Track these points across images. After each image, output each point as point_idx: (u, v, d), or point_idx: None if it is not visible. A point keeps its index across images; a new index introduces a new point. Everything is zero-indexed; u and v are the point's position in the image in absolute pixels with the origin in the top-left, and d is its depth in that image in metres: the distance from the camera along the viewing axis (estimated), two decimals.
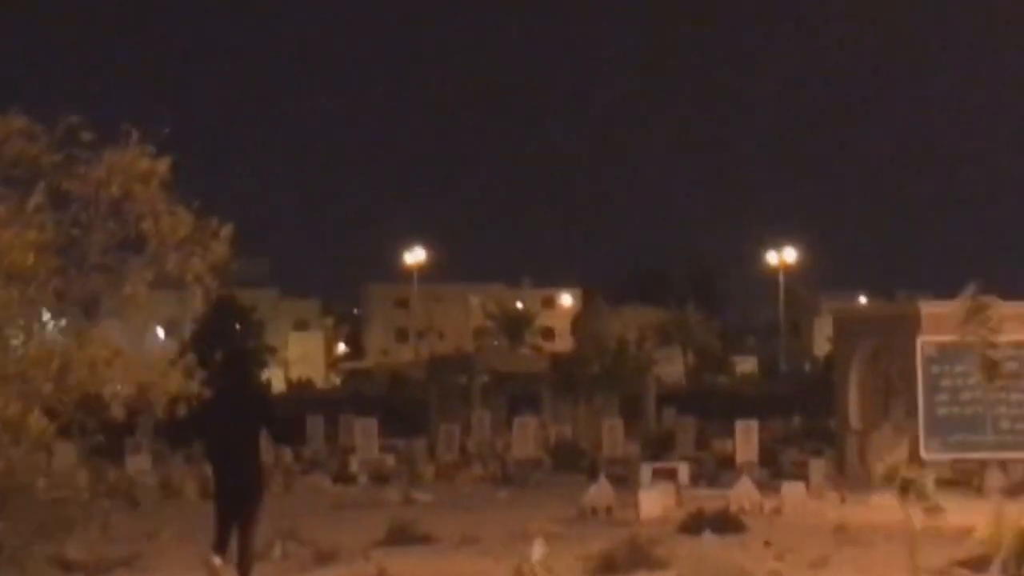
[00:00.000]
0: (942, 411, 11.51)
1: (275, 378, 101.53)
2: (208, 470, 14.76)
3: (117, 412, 9.17)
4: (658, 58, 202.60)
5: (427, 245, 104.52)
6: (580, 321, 44.95)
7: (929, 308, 29.05)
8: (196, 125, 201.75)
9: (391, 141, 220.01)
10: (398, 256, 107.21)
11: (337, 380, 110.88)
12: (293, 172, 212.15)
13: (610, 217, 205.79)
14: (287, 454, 35.35)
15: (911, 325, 26.13)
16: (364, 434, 34.34)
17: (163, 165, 8.42)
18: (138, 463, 29.51)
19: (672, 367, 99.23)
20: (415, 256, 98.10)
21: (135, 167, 8.10)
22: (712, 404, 52.16)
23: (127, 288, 8.71)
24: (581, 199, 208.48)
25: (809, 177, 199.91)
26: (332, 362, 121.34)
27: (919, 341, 11.28)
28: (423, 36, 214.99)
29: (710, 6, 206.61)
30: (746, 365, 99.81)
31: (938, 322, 27.63)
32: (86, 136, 8.26)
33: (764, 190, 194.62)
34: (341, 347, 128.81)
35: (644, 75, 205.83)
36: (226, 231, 8.92)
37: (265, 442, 13.96)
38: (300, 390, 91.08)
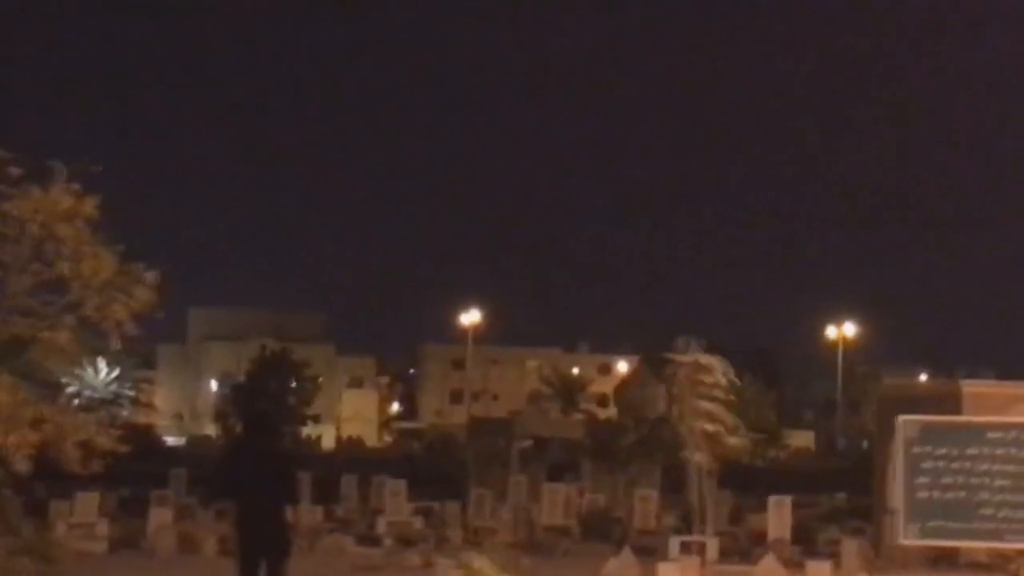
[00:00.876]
0: (922, 495, 10.74)
1: (326, 435, 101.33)
2: (232, 529, 14.27)
3: (21, 465, 8.66)
4: (719, 131, 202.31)
5: (486, 307, 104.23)
6: (622, 389, 44.27)
7: (971, 388, 28.30)
8: (258, 177, 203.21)
9: (455, 201, 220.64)
10: (455, 317, 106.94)
11: (389, 440, 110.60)
12: (353, 230, 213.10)
13: (671, 286, 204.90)
14: (317, 513, 34.96)
15: (952, 404, 25.40)
16: (393, 495, 33.81)
17: (88, 204, 7.98)
18: (160, 516, 29.04)
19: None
20: (471, 317, 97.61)
21: (58, 205, 7.65)
22: (759, 478, 51.25)
23: (46, 333, 8.22)
24: (644, 267, 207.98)
25: (879, 251, 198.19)
26: (385, 421, 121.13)
27: (899, 420, 10.56)
28: (482, 101, 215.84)
29: (769, 86, 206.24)
30: (802, 440, 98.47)
31: (980, 402, 26.93)
32: (13, 171, 7.86)
33: (832, 263, 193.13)
34: (395, 406, 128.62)
35: (705, 146, 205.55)
36: (151, 277, 8.44)
37: (288, 509, 13.92)
38: (348, 448, 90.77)
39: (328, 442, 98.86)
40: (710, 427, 29.84)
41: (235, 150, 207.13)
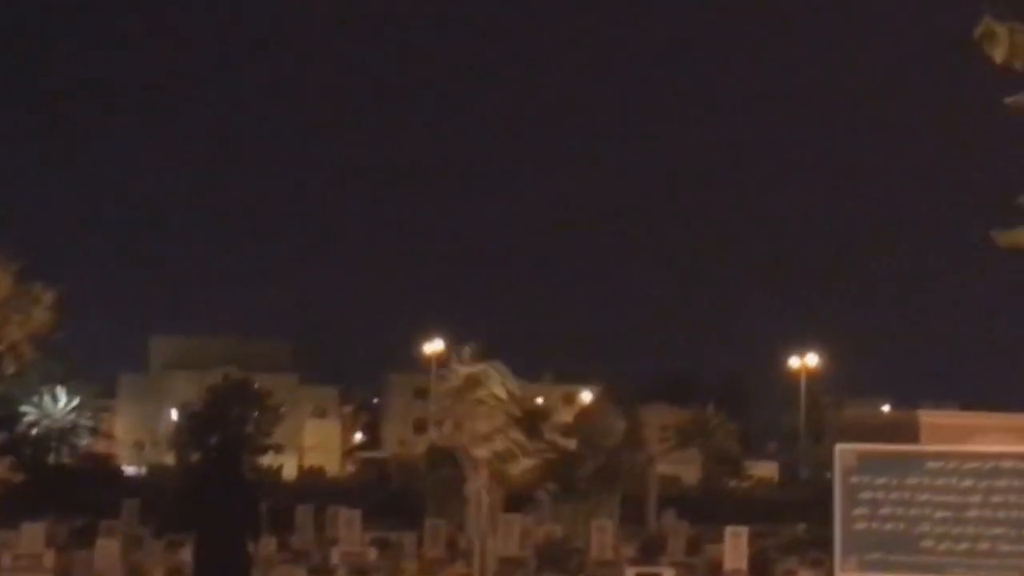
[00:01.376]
0: (859, 526, 10.42)
1: (288, 465, 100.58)
2: (192, 559, 14.21)
3: None
4: (687, 159, 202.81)
5: (450, 336, 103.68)
6: (582, 419, 43.92)
7: (929, 417, 28.11)
8: (222, 204, 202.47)
9: (418, 231, 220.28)
10: (420, 346, 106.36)
11: (352, 469, 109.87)
12: (316, 260, 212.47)
13: (636, 316, 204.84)
14: (271, 544, 34.51)
15: (910, 434, 25.17)
16: (348, 526, 33.38)
17: None
18: (107, 547, 28.54)
19: (690, 468, 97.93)
20: (434, 346, 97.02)
21: None
22: (721, 508, 51.00)
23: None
24: (606, 296, 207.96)
25: (846, 280, 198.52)
26: (349, 451, 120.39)
27: (836, 449, 10.29)
28: (442, 125, 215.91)
29: (742, 114, 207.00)
30: (765, 470, 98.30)
31: (938, 432, 26.76)
32: None
33: (800, 292, 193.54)
34: (359, 436, 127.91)
35: (673, 177, 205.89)
36: (49, 297, 8.15)
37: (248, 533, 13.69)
38: (308, 478, 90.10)
39: (290, 472, 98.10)
40: (483, 452, 26.57)
41: (200, 176, 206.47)
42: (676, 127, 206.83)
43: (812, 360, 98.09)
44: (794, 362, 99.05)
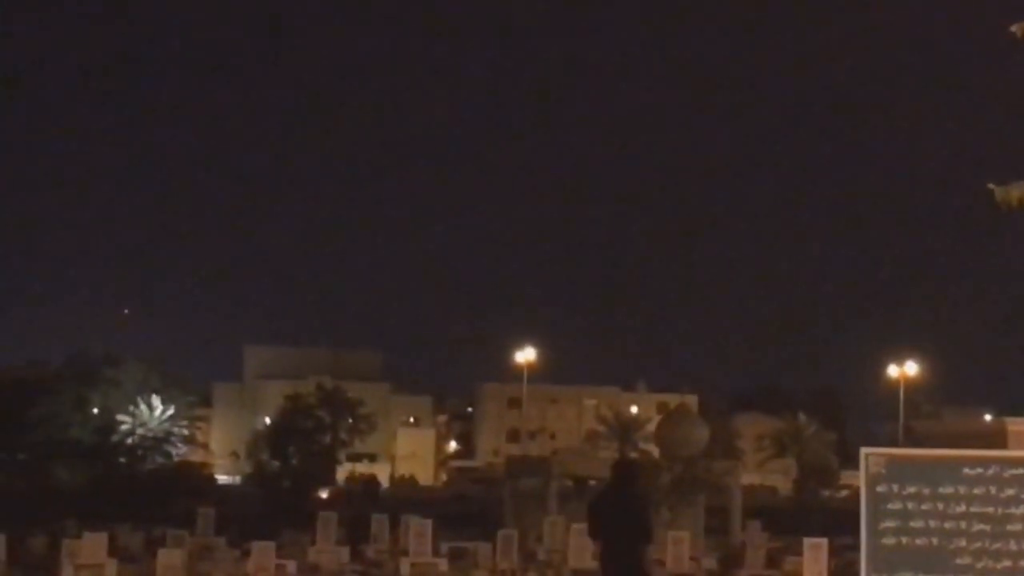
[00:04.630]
0: (888, 540, 9.36)
1: (381, 473, 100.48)
2: (598, 563, 15.87)
3: None
4: (775, 172, 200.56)
5: (545, 346, 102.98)
6: (662, 428, 42.94)
7: (1016, 426, 27.01)
8: (317, 216, 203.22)
9: (513, 240, 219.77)
10: (513, 356, 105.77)
11: (444, 478, 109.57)
12: (412, 269, 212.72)
13: (733, 325, 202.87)
14: (342, 553, 34.10)
15: (998, 442, 24.14)
16: (419, 536, 32.78)
17: None
18: (169, 557, 28.13)
19: (788, 480, 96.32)
20: (526, 355, 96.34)
21: None
22: (809, 520, 49.86)
23: None
24: (706, 306, 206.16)
25: (950, 289, 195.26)
26: (442, 460, 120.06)
27: (862, 453, 9.24)
28: (543, 143, 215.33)
29: (818, 118, 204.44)
30: None
31: None
32: None
33: (901, 301, 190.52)
34: (452, 445, 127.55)
35: (764, 189, 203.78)
36: None
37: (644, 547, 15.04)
38: (401, 487, 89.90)
39: (383, 480, 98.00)
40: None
41: (290, 189, 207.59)
42: (759, 115, 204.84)
43: (911, 368, 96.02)
44: (893, 371, 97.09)
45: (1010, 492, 9.68)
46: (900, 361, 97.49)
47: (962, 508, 9.62)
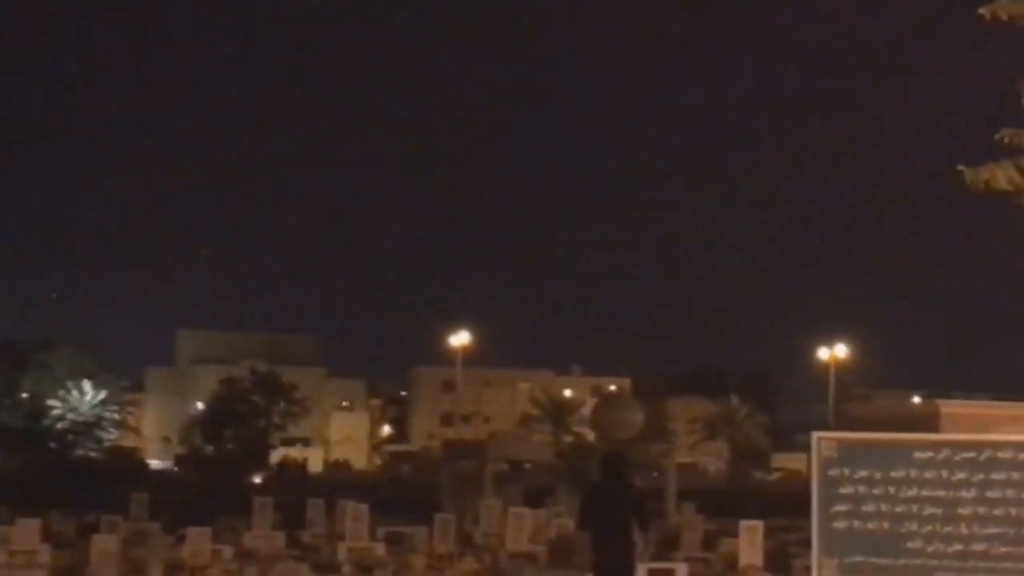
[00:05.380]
0: (840, 524, 9.38)
1: (314, 458, 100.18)
2: (590, 553, 15.99)
3: None
4: (708, 155, 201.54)
5: (479, 330, 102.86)
6: (598, 411, 42.99)
7: (949, 408, 27.24)
8: (249, 199, 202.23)
9: (447, 224, 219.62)
10: (447, 339, 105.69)
11: (378, 463, 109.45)
12: (344, 253, 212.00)
13: (666, 309, 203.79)
14: (279, 538, 33.82)
15: (930, 425, 24.31)
16: (355, 520, 32.57)
17: None
18: (104, 543, 27.81)
19: (716, 461, 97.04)
20: (460, 339, 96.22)
21: None
22: (744, 502, 50.08)
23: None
24: (636, 289, 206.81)
25: (881, 272, 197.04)
26: (376, 444, 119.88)
27: (814, 437, 9.25)
28: (474, 128, 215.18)
29: (750, 109, 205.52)
30: (795, 463, 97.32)
31: (958, 422, 25.86)
32: None
33: (833, 285, 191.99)
34: (386, 429, 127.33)
35: (697, 173, 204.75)
36: None
37: (637, 534, 15.45)
38: (335, 472, 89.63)
39: (316, 465, 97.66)
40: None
41: (227, 173, 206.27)
42: (693, 109, 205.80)
43: (841, 351, 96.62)
44: (823, 353, 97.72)
45: (961, 476, 9.73)
46: (830, 344, 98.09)
47: (913, 492, 9.66)
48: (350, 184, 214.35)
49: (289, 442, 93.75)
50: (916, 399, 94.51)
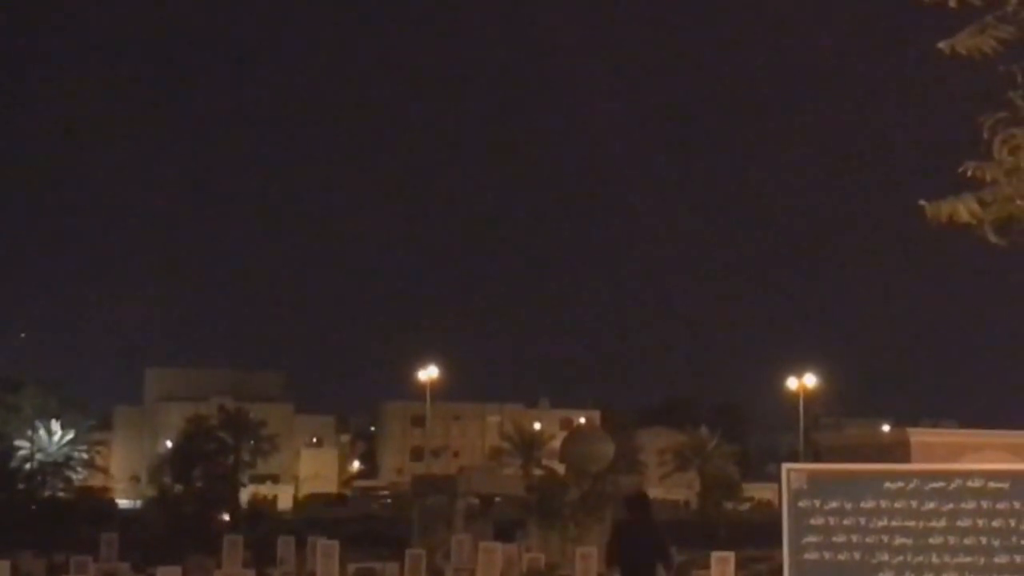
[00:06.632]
0: (810, 556, 9.44)
1: (283, 495, 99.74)
2: None
3: None
4: (676, 190, 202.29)
5: (448, 364, 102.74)
6: (568, 444, 43.00)
7: (919, 436, 27.47)
8: (216, 236, 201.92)
9: (416, 259, 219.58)
10: (416, 374, 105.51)
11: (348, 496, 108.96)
12: (313, 289, 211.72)
13: (637, 342, 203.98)
14: None
15: (901, 453, 24.47)
16: (325, 556, 32.47)
17: None
18: None
19: (687, 492, 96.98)
20: (429, 373, 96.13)
21: None
22: (716, 532, 50.17)
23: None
24: (605, 321, 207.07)
25: (848, 302, 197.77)
26: (346, 480, 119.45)
27: (784, 469, 9.32)
28: (442, 155, 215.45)
29: (715, 139, 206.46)
30: (766, 492, 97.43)
31: (928, 450, 26.06)
32: None
33: (801, 315, 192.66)
34: (356, 465, 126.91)
35: (665, 207, 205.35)
36: None
37: (660, 571, 16.42)
38: (308, 506, 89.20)
39: (286, 503, 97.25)
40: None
41: (191, 209, 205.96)
42: (659, 143, 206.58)
43: (810, 381, 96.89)
44: (792, 383, 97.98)
45: (931, 505, 9.77)
46: (799, 374, 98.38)
47: (884, 522, 9.69)
48: (316, 220, 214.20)
49: (259, 479, 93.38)
50: (885, 427, 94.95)
